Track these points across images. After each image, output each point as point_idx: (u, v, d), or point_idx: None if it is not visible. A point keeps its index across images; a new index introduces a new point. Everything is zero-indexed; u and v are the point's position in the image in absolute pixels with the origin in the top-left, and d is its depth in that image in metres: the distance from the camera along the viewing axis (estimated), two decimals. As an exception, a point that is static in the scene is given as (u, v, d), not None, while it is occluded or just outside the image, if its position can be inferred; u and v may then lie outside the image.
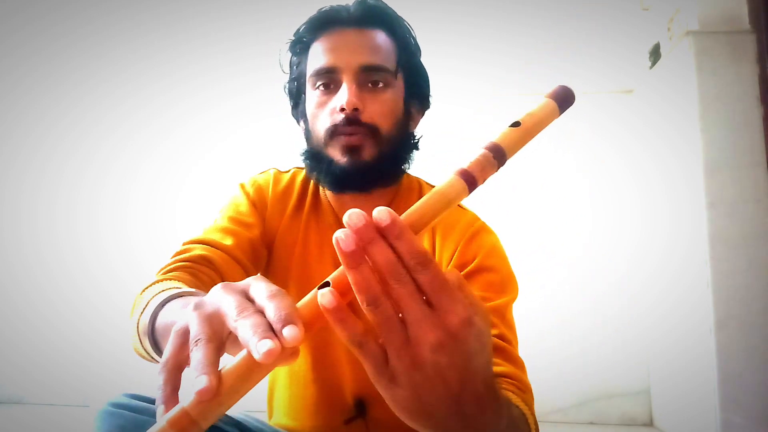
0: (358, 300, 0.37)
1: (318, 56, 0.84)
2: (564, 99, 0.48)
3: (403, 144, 0.87)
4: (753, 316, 1.60)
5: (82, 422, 0.69)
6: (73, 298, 2.35)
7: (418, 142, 0.91)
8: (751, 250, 1.62)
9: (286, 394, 0.91)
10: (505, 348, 0.73)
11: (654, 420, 2.05)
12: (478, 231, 0.84)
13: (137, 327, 0.62)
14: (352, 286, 0.37)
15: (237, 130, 2.37)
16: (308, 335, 0.37)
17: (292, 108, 0.94)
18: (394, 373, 0.38)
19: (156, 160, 2.40)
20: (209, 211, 1.05)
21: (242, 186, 0.92)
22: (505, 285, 0.81)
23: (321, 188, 0.92)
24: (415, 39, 0.91)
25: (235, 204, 0.89)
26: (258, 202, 0.90)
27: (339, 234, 0.36)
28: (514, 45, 2.24)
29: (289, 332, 0.35)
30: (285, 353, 0.35)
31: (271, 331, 0.35)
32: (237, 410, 0.84)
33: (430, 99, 0.93)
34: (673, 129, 1.87)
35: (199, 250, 0.78)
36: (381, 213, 0.36)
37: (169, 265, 0.75)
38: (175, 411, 0.35)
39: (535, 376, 0.71)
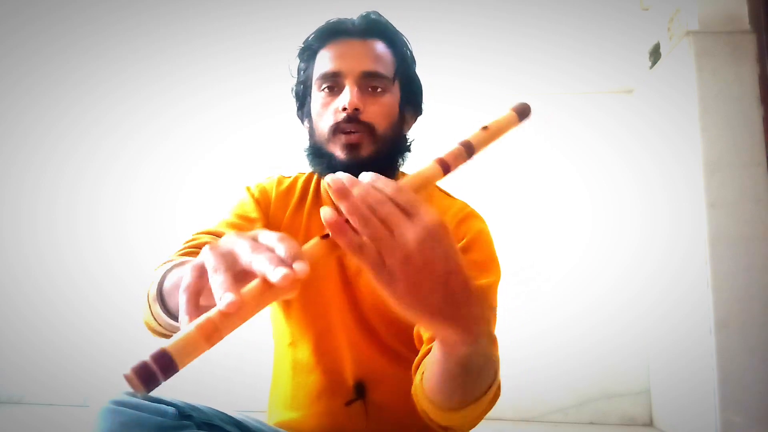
0: (353, 224, 0.47)
1: (324, 62, 0.92)
2: (522, 112, 0.63)
3: (398, 144, 0.94)
4: (753, 316, 1.60)
5: (82, 422, 0.70)
6: (73, 298, 2.35)
7: (410, 144, 0.98)
8: (751, 250, 1.62)
9: (289, 384, 0.96)
10: None
11: (654, 420, 2.05)
12: (467, 216, 0.92)
13: (148, 297, 0.67)
14: (346, 214, 0.46)
15: (237, 131, 2.37)
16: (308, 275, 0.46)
17: (298, 108, 1.00)
18: (391, 270, 0.47)
19: (156, 160, 2.40)
20: (209, 210, 1.06)
21: (248, 188, 0.99)
22: (488, 266, 0.87)
23: (322, 185, 0.98)
24: (411, 51, 0.99)
25: (241, 203, 0.96)
26: (262, 201, 0.97)
27: (328, 180, 0.47)
28: (514, 45, 2.24)
29: (299, 266, 0.42)
30: (293, 284, 0.42)
31: (283, 263, 0.43)
32: (237, 410, 0.85)
33: (423, 106, 1.01)
34: (673, 129, 1.87)
35: (206, 238, 0.84)
36: (365, 175, 0.50)
37: (180, 250, 0.81)
38: (201, 318, 0.41)
39: (535, 376, 0.72)
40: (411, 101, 0.97)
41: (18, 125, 2.49)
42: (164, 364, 0.39)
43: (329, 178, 0.47)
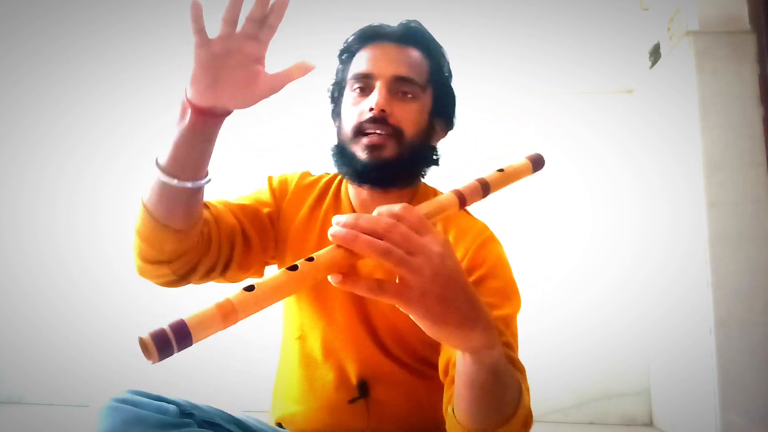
0: (376, 259, 0.48)
1: (359, 63, 0.94)
2: (537, 162, 0.68)
3: (423, 151, 0.94)
4: (753, 316, 1.60)
5: (82, 422, 0.71)
6: (73, 298, 2.35)
7: (438, 158, 0.97)
8: (751, 250, 1.62)
9: (295, 378, 0.97)
10: (510, 355, 0.78)
11: (654, 420, 2.05)
12: (487, 240, 0.91)
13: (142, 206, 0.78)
14: (370, 254, 0.48)
15: (236, 131, 2.37)
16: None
17: (332, 110, 1.01)
18: (422, 292, 0.49)
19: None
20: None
21: (269, 177, 1.02)
22: (510, 294, 0.87)
23: (343, 187, 1.00)
24: (448, 64, 1.01)
25: (259, 190, 1.01)
26: (278, 192, 1.00)
27: (335, 232, 0.49)
28: (514, 45, 2.24)
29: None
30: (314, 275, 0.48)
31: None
32: (237, 410, 0.85)
33: (454, 120, 1.01)
34: (673, 129, 1.87)
35: (219, 206, 0.91)
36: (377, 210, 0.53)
37: None
38: (222, 300, 0.44)
39: (535, 376, 0.72)
40: (442, 112, 0.98)
41: (18, 125, 2.49)
42: (180, 335, 0.40)
43: (332, 231, 0.50)
